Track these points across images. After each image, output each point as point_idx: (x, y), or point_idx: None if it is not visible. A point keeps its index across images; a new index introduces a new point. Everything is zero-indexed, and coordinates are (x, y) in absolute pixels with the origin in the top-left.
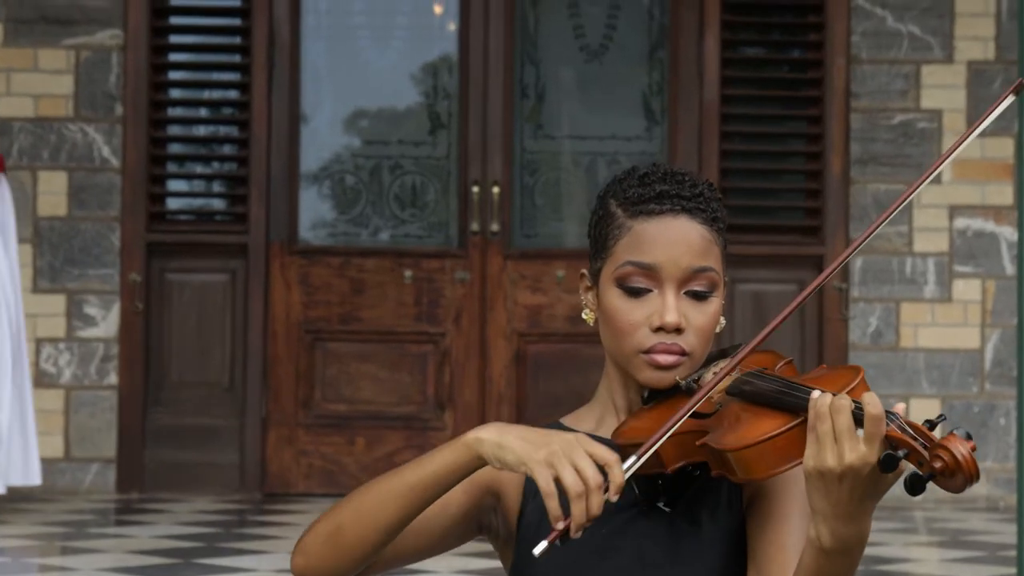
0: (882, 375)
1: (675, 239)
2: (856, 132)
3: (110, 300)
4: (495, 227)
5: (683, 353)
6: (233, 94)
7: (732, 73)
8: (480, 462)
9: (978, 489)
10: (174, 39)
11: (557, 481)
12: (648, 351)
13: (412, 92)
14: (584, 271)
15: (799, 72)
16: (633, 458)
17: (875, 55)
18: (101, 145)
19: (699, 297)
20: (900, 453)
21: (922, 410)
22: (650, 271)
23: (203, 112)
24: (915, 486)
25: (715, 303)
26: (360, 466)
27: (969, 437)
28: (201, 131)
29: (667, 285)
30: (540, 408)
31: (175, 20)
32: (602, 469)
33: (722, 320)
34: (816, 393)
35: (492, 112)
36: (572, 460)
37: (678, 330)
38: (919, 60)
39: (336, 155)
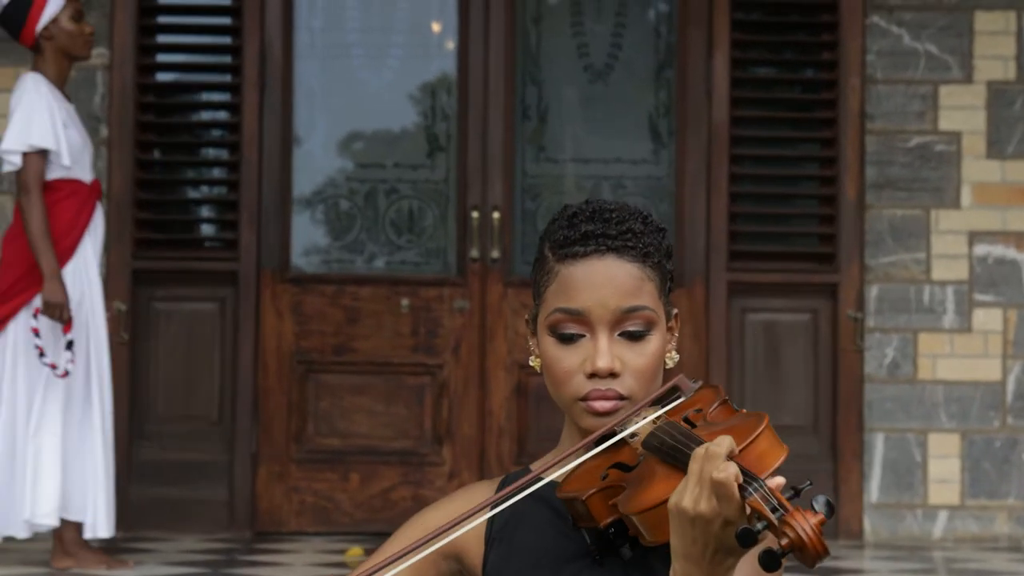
0: (899, 408)
1: (600, 281)
2: (871, 155)
3: None
4: (495, 254)
5: (620, 397)
6: (223, 115)
7: (742, 94)
8: None
9: (1000, 528)
10: (162, 58)
11: None
12: (585, 398)
13: (409, 113)
14: (527, 317)
15: (812, 93)
16: None
17: (891, 75)
18: None
19: (635, 337)
20: (758, 526)
21: (942, 445)
22: (579, 317)
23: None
24: (769, 563)
25: (654, 341)
26: (354, 503)
27: (829, 506)
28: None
29: (598, 329)
30: (541, 443)
31: (163, 38)
32: None
33: (674, 355)
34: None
35: (492, 134)
36: None
37: (613, 374)
38: (937, 80)
39: (330, 179)
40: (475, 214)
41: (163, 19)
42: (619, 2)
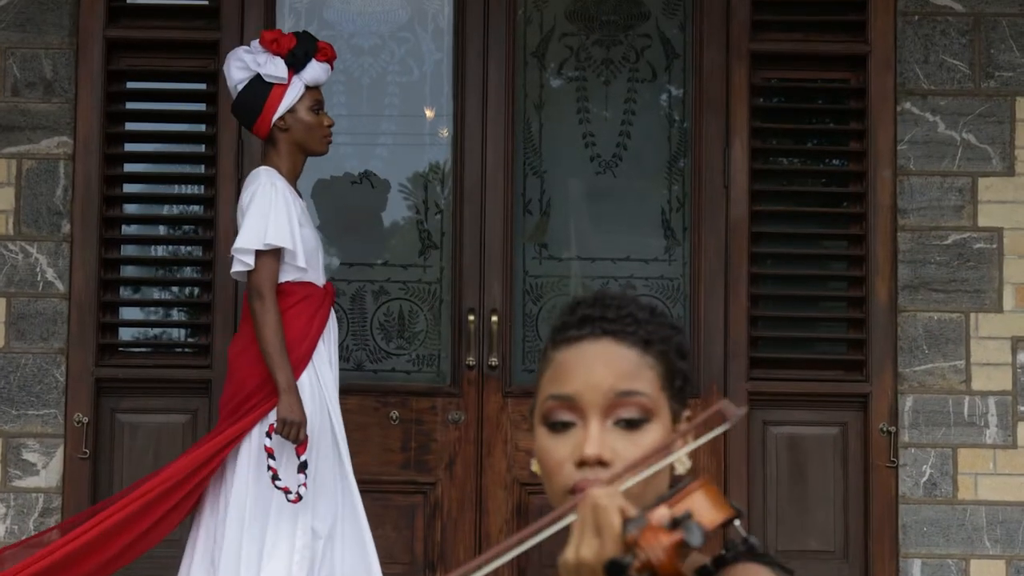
0: (938, 531)
1: (592, 363)
2: (904, 254)
3: (52, 444)
4: (494, 361)
5: None
6: (196, 209)
7: (763, 186)
8: None
9: None
10: (130, 147)
11: None
12: (573, 489)
13: (399, 207)
14: (527, 412)
15: (839, 185)
16: None
17: (925, 166)
18: (45, 267)
19: (630, 425)
20: (627, 559)
21: (986, 573)
22: (570, 402)
23: (162, 230)
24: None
25: (652, 433)
26: None
27: (703, 536)
28: (159, 252)
29: (590, 414)
30: (544, 569)
31: (131, 126)
32: None
33: (686, 460)
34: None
35: (490, 230)
36: None
37: (602, 463)
38: (976, 172)
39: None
40: (471, 317)
41: (132, 105)
42: (628, 87)
